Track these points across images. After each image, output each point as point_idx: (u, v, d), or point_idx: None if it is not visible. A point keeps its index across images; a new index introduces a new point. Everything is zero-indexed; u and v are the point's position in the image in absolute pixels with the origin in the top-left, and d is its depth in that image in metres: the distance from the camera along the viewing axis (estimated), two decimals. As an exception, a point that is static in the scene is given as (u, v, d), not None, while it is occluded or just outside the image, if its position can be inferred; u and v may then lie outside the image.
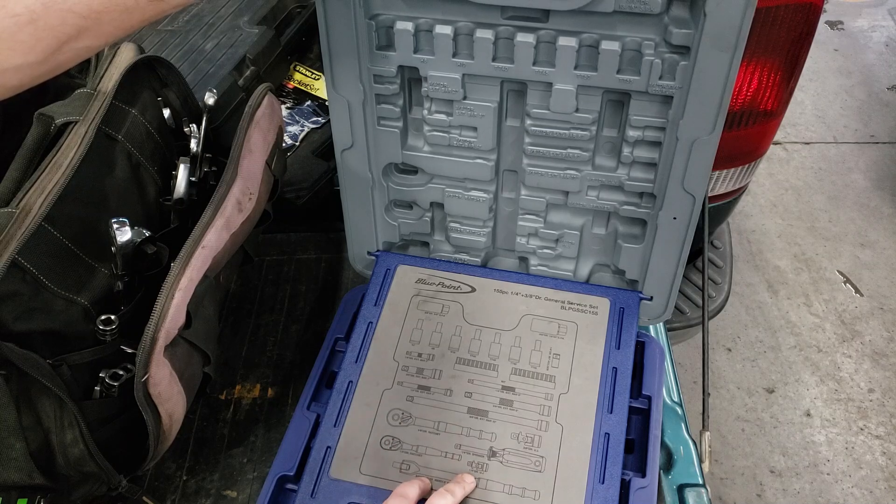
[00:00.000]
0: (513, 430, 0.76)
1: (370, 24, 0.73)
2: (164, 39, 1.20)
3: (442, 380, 0.81)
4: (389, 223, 0.92)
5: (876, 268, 2.29)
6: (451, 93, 0.77)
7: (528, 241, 0.91)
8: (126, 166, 0.76)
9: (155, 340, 0.64)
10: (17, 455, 0.62)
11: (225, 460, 0.86)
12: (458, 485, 0.71)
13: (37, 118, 0.70)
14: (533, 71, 0.73)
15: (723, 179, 1.33)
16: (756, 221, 2.45)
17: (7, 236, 0.60)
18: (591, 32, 0.70)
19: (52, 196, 0.64)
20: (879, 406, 1.96)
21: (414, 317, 0.87)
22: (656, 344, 0.86)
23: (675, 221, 0.80)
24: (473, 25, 0.72)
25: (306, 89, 1.29)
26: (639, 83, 0.72)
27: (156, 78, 0.85)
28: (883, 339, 2.11)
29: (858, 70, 3.04)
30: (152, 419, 0.68)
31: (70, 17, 0.50)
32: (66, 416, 0.64)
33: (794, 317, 2.17)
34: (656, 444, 0.77)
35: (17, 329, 0.61)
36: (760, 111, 1.22)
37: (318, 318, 1.02)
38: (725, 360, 2.07)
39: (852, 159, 2.66)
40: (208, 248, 0.72)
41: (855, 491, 1.80)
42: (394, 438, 0.76)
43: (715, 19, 0.64)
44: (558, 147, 0.80)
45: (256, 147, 0.82)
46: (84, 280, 0.68)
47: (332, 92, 0.79)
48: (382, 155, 0.85)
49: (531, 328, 0.85)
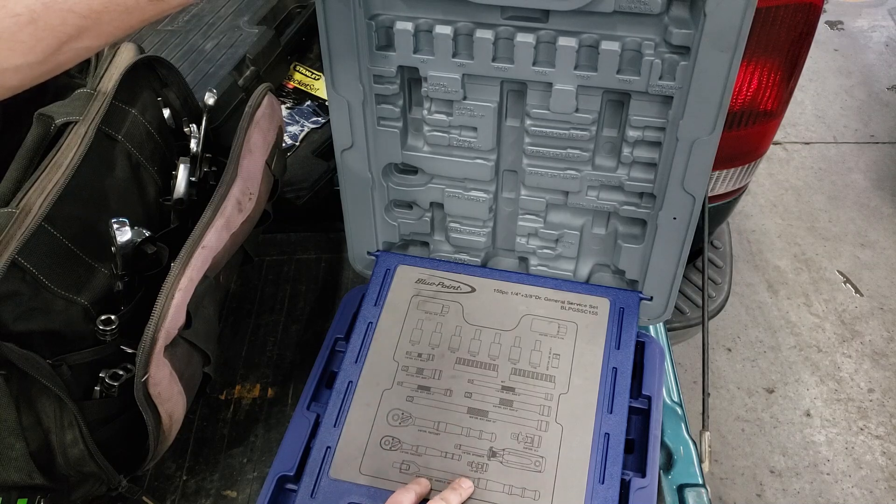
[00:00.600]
0: (513, 431, 0.76)
1: (370, 25, 0.73)
2: (164, 39, 1.20)
3: (442, 380, 0.81)
4: (389, 223, 0.92)
5: (876, 268, 2.29)
6: (450, 93, 0.77)
7: (527, 241, 0.91)
8: (126, 166, 0.76)
9: (155, 340, 0.64)
10: (17, 455, 0.62)
11: (225, 460, 0.86)
12: (455, 492, 0.70)
13: (37, 118, 0.70)
14: (533, 71, 0.73)
15: (723, 179, 1.33)
16: (756, 221, 2.45)
17: (7, 236, 0.60)
18: (591, 32, 0.70)
19: (52, 196, 0.64)
20: (879, 406, 1.96)
21: (414, 317, 0.87)
22: (656, 344, 0.86)
23: (674, 221, 0.80)
24: (473, 25, 0.72)
25: (306, 89, 1.29)
26: (639, 83, 0.72)
27: (156, 78, 0.85)
28: (883, 339, 2.11)
29: (858, 70, 3.04)
30: (152, 419, 0.68)
31: (70, 17, 0.50)
32: (66, 416, 0.64)
33: (794, 317, 2.17)
34: (656, 444, 0.77)
35: (17, 329, 0.61)
36: (760, 111, 1.22)
37: (318, 318, 1.02)
38: (725, 360, 2.07)
39: (852, 159, 2.66)
40: (208, 248, 0.72)
41: (855, 491, 1.80)
42: (393, 438, 0.76)
43: (715, 20, 0.64)
44: (558, 147, 0.80)
45: (256, 147, 0.82)
46: (84, 280, 0.68)
47: (332, 92, 0.79)
48: (382, 155, 0.85)
49: (531, 328, 0.85)
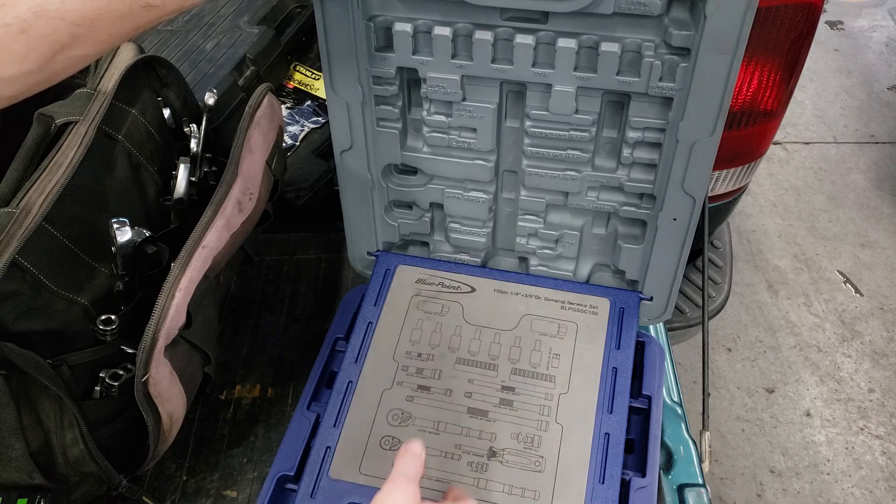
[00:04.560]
0: (513, 430, 0.77)
1: (368, 26, 0.73)
2: (164, 39, 1.20)
3: (442, 380, 0.81)
4: (389, 223, 0.92)
5: (876, 268, 2.29)
6: (450, 94, 0.77)
7: (527, 242, 0.91)
8: (126, 166, 0.76)
9: (155, 340, 0.64)
10: (17, 455, 0.62)
11: (225, 460, 0.86)
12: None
13: (37, 118, 0.70)
14: (532, 72, 0.73)
15: (723, 179, 1.33)
16: (756, 221, 2.45)
17: (7, 236, 0.60)
18: (591, 34, 0.70)
19: (52, 196, 0.64)
20: (879, 406, 1.96)
21: (414, 317, 0.87)
22: (656, 344, 0.86)
23: (675, 222, 0.80)
24: (472, 27, 0.72)
25: (306, 89, 1.29)
26: (639, 85, 0.72)
27: (156, 78, 0.85)
28: (883, 339, 2.11)
29: (858, 70, 3.04)
30: (152, 419, 0.68)
31: (62, 26, 0.49)
32: (66, 416, 0.65)
33: (794, 317, 2.17)
34: (656, 443, 0.77)
35: (17, 329, 0.61)
36: (760, 111, 1.22)
37: (318, 318, 1.02)
38: (725, 360, 2.07)
39: (852, 159, 2.66)
40: (208, 248, 0.72)
41: (855, 491, 1.80)
42: (393, 438, 0.76)
43: (715, 22, 0.64)
44: (558, 148, 0.80)
45: (256, 147, 0.82)
46: (84, 280, 0.69)
47: (331, 93, 0.79)
48: (382, 156, 0.85)
49: (531, 328, 0.85)
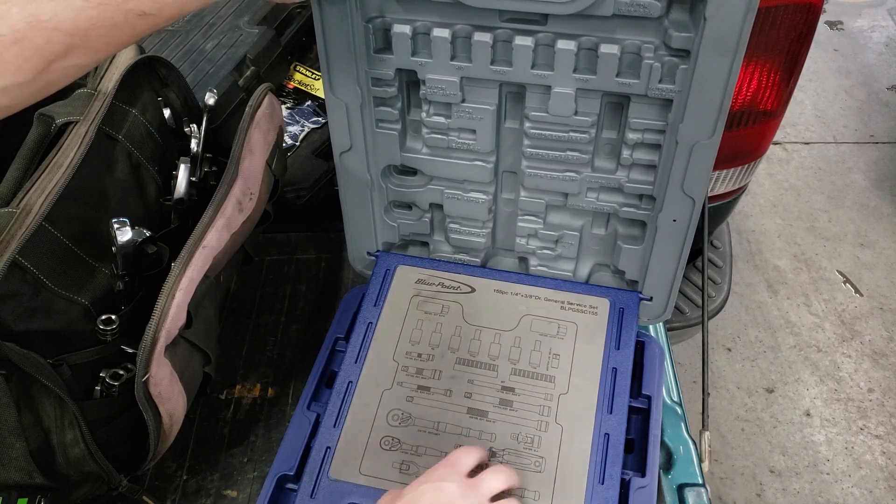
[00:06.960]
0: (512, 431, 0.77)
1: (367, 28, 0.73)
2: (164, 39, 1.20)
3: (441, 380, 0.81)
4: (389, 224, 0.92)
5: (876, 268, 2.29)
6: (449, 96, 0.77)
7: (527, 242, 0.91)
8: (126, 166, 0.77)
9: (156, 340, 0.64)
10: (18, 455, 0.62)
11: (225, 460, 0.86)
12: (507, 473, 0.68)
13: (37, 118, 0.71)
14: (531, 74, 0.73)
15: (722, 179, 1.33)
16: (756, 221, 2.45)
17: (7, 236, 0.60)
18: (590, 35, 0.70)
19: (52, 196, 0.64)
20: (879, 406, 1.96)
21: (414, 317, 0.87)
22: (656, 344, 0.86)
23: (674, 223, 0.80)
24: (471, 28, 0.72)
25: (306, 89, 1.29)
26: (638, 86, 0.72)
27: (156, 78, 0.85)
28: (883, 338, 2.11)
29: (858, 70, 3.03)
30: (152, 419, 0.68)
31: (56, 36, 0.49)
32: (67, 416, 0.65)
33: (793, 317, 2.17)
34: (656, 443, 0.77)
35: (17, 329, 0.61)
36: (760, 111, 1.22)
37: (318, 318, 1.02)
38: (725, 360, 2.07)
39: (852, 159, 2.65)
40: (209, 248, 0.72)
41: (855, 491, 1.80)
42: (393, 439, 0.76)
43: (715, 24, 0.64)
44: (557, 149, 0.80)
45: (257, 147, 0.82)
46: (84, 280, 0.69)
47: (330, 95, 0.79)
48: (381, 157, 0.85)
49: (531, 328, 0.85)
